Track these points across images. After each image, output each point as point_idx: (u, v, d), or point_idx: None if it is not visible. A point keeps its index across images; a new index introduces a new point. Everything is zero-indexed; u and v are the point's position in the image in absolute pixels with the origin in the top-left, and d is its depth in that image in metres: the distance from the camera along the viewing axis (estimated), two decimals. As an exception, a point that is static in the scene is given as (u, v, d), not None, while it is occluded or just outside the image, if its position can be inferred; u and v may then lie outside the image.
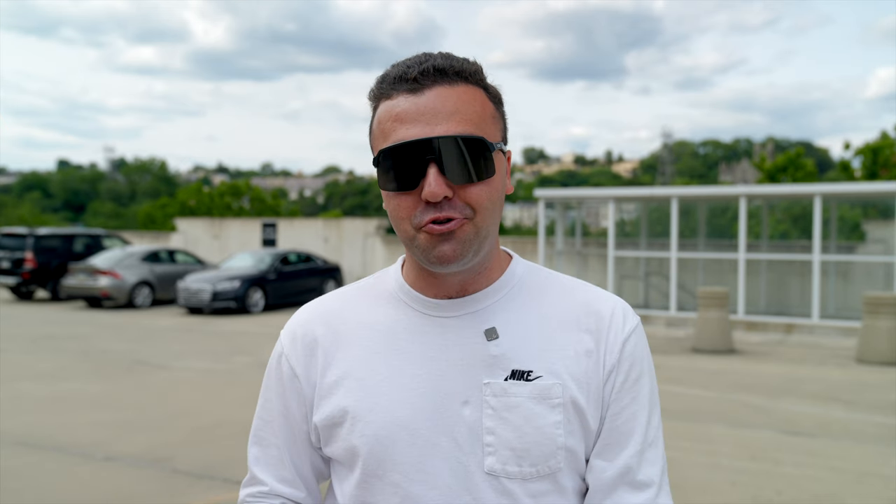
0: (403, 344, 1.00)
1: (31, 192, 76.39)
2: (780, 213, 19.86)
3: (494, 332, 0.98)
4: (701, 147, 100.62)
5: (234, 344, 10.94)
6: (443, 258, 0.92)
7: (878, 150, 22.76)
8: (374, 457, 0.97)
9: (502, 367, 0.96)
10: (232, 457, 5.22)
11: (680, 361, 9.32)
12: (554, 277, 1.07)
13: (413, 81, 0.92)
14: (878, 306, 9.45)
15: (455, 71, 0.94)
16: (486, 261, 1.01)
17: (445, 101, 0.92)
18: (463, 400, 0.96)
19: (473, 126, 0.92)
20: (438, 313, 1.00)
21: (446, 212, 0.91)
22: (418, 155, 0.90)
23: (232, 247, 22.29)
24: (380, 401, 0.98)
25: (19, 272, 17.18)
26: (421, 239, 0.93)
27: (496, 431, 0.94)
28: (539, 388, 0.95)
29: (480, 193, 0.92)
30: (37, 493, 4.53)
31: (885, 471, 4.91)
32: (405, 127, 0.91)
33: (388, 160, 0.92)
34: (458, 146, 0.90)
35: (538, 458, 0.94)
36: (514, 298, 1.01)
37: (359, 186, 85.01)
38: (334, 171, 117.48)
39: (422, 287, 1.02)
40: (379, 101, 0.96)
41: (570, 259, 15.71)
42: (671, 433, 5.45)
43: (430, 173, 0.89)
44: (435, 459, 0.95)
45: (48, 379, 8.14)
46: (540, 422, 0.95)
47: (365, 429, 0.97)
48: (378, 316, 1.04)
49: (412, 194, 0.92)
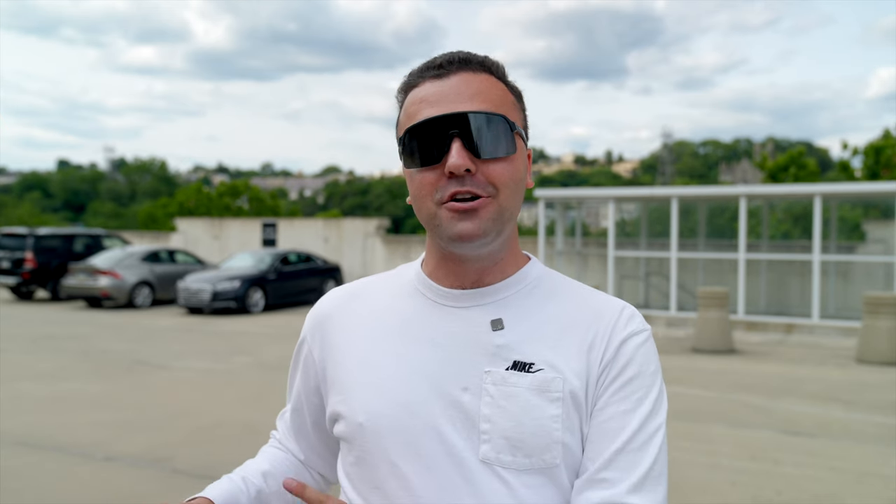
0: (412, 330, 1.03)
1: (31, 192, 76.40)
2: (782, 213, 19.85)
3: (500, 323, 1.00)
4: (701, 147, 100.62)
5: (234, 344, 10.94)
6: (464, 235, 0.94)
7: (880, 150, 22.74)
8: (374, 434, 0.99)
9: (504, 357, 0.97)
10: (232, 457, 5.22)
11: (680, 361, 9.32)
12: (570, 284, 1.08)
13: (438, 68, 0.98)
14: (878, 306, 9.45)
15: (479, 61, 0.99)
16: (504, 248, 1.02)
17: (469, 84, 0.96)
18: (463, 386, 0.97)
19: (495, 107, 0.96)
20: (451, 303, 1.02)
21: (468, 186, 0.93)
22: (442, 130, 0.93)
23: (232, 247, 22.28)
24: (384, 380, 1.00)
25: (19, 272, 17.19)
26: (443, 216, 0.95)
27: (493, 419, 0.95)
28: (539, 381, 0.96)
29: (503, 171, 0.95)
30: (37, 493, 4.53)
31: (885, 471, 4.91)
32: (430, 107, 0.95)
33: (412, 139, 0.96)
34: (481, 121, 0.93)
35: (533, 449, 0.94)
36: (527, 297, 1.03)
37: (359, 186, 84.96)
38: (334, 171, 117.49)
39: (439, 277, 1.04)
40: (406, 92, 1.01)
41: (570, 259, 15.71)
42: (671, 433, 5.45)
43: (454, 147, 0.92)
44: (432, 443, 0.96)
45: (48, 379, 8.14)
46: (537, 413, 0.95)
47: (367, 405, 1.00)
48: (393, 303, 1.07)
49: (436, 170, 0.95)
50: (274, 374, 8.24)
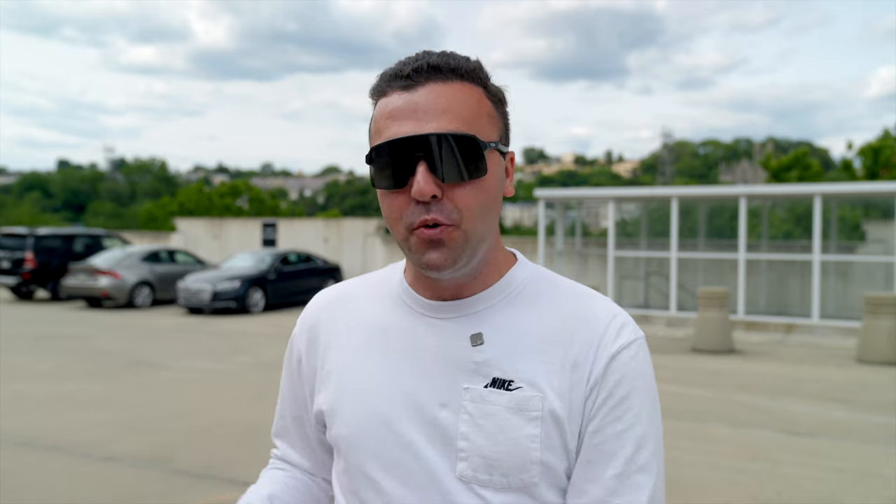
0: (394, 342, 1.01)
1: (31, 192, 76.44)
2: (785, 214, 19.80)
3: (480, 338, 0.97)
4: (701, 147, 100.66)
5: (234, 344, 10.94)
6: (432, 265, 0.92)
7: (878, 150, 22.74)
8: (354, 447, 0.99)
9: (483, 373, 0.95)
10: (232, 457, 5.22)
11: (680, 361, 9.32)
12: (556, 285, 1.03)
13: (406, 78, 0.92)
14: (878, 306, 9.45)
15: (450, 68, 0.93)
16: (481, 265, 0.99)
17: (438, 98, 0.91)
18: (441, 402, 0.95)
19: (465, 124, 0.90)
20: (432, 314, 1.00)
21: (433, 213, 0.90)
22: (408, 152, 0.89)
23: (232, 247, 22.28)
24: (364, 394, 1.00)
25: (19, 272, 17.19)
26: (413, 243, 0.93)
27: (470, 437, 0.93)
28: (517, 399, 0.93)
29: (469, 196, 0.90)
30: (37, 493, 4.53)
31: (885, 471, 4.91)
32: (397, 124, 0.91)
33: (379, 157, 0.92)
34: (447, 144, 0.88)
35: (509, 469, 0.92)
36: (508, 306, 0.99)
37: (359, 186, 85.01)
38: (334, 171, 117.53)
39: (419, 288, 1.02)
40: (377, 98, 0.97)
41: (570, 259, 15.72)
42: (671, 433, 5.45)
43: (419, 171, 0.88)
44: (409, 458, 0.95)
45: (48, 379, 8.14)
46: (514, 433, 0.92)
47: (348, 418, 1.00)
48: (378, 312, 1.06)
49: (403, 192, 0.91)
50: (274, 374, 8.22)
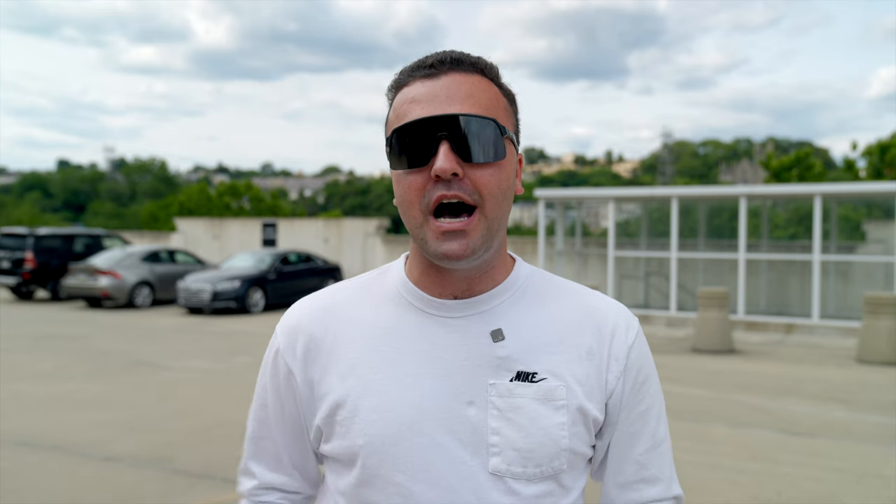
0: (407, 344, 0.99)
1: (31, 192, 76.41)
2: (788, 214, 19.75)
3: (501, 334, 0.99)
4: (701, 147, 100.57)
5: (234, 344, 10.95)
6: (451, 255, 0.92)
7: (886, 148, 22.72)
8: (377, 455, 0.96)
9: (507, 368, 0.97)
10: (232, 457, 5.22)
11: (680, 361, 9.32)
12: (555, 280, 1.08)
13: (429, 67, 0.95)
14: (878, 306, 9.45)
15: (471, 62, 0.97)
16: (493, 259, 1.00)
17: (460, 85, 0.94)
18: (468, 400, 0.96)
19: (485, 111, 0.94)
20: (444, 313, 1.00)
21: (455, 190, 0.91)
22: (430, 132, 0.91)
23: (232, 247, 22.29)
24: (383, 399, 0.97)
25: (19, 272, 17.19)
26: (428, 234, 0.93)
27: (501, 432, 0.95)
28: (543, 390, 0.97)
29: (491, 178, 0.93)
30: (37, 493, 4.53)
31: (885, 471, 4.91)
32: (420, 107, 0.93)
33: (401, 140, 0.93)
34: (470, 125, 0.91)
35: (543, 458, 0.96)
36: (519, 300, 1.02)
37: (359, 186, 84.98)
38: (334, 171, 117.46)
39: (426, 285, 1.01)
40: (396, 91, 0.98)
41: (570, 259, 15.72)
42: (671, 433, 5.44)
43: (442, 149, 0.90)
44: (439, 459, 0.95)
45: (48, 379, 8.14)
46: (545, 422, 0.96)
47: (367, 427, 0.96)
48: (380, 314, 1.02)
49: (422, 172, 0.92)
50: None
